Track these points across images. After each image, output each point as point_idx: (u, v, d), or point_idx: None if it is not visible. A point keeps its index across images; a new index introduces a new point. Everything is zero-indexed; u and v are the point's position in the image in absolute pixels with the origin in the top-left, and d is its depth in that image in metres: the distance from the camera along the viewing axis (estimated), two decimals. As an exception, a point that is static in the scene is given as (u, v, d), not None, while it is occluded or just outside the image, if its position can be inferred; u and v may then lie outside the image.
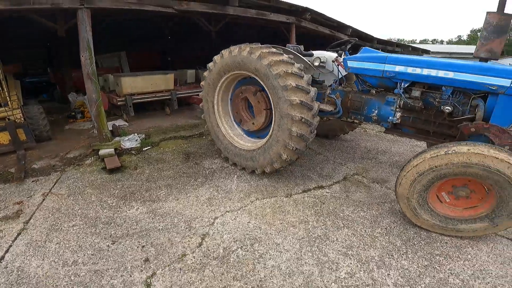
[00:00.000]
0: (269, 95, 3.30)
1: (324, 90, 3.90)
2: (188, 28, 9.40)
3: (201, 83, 4.13)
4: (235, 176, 3.77)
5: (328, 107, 3.74)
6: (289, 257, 2.33)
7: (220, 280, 2.11)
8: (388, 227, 2.72)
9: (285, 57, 3.18)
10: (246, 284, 2.08)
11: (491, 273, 2.15)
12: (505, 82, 2.59)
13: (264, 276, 2.15)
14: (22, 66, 7.72)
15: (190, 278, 2.12)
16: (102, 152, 4.22)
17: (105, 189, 3.42)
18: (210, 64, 3.89)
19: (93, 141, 4.82)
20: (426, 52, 15.06)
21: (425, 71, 2.98)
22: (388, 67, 3.21)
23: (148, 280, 2.10)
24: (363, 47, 3.69)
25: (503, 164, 2.09)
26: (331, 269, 2.22)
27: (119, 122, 5.78)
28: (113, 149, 4.28)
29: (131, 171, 3.93)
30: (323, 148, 4.79)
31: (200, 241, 2.53)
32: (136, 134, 5.14)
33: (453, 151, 2.26)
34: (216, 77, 3.83)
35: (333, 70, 4.05)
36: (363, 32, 9.44)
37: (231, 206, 3.08)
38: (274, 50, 3.28)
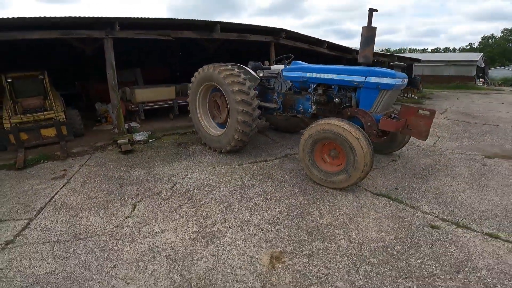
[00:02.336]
0: (226, 97, 4.88)
1: (273, 93, 5.42)
2: (192, 47, 11.31)
3: (188, 91, 5.79)
4: (208, 154, 5.32)
5: (272, 105, 5.25)
6: (224, 194, 3.80)
7: (178, 203, 3.61)
8: (296, 182, 4.09)
9: (235, 71, 4.75)
10: (192, 205, 3.56)
11: (341, 211, 3.25)
12: (361, 79, 3.99)
13: (204, 203, 3.62)
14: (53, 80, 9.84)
15: (160, 203, 3.64)
16: (120, 141, 5.95)
17: (119, 162, 5.09)
18: (193, 78, 5.53)
19: (114, 136, 6.59)
20: (417, 60, 16.03)
21: (322, 75, 4.42)
22: (303, 74, 4.68)
23: (135, 203, 3.64)
24: (294, 61, 5.20)
25: (340, 129, 3.46)
26: (246, 200, 3.63)
27: (133, 124, 7.56)
28: (127, 140, 6.00)
29: (138, 153, 5.61)
30: (281, 139, 6.25)
31: (173, 185, 4.08)
32: (145, 131, 6.87)
33: (318, 123, 3.68)
34: (196, 87, 5.47)
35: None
36: (339, 45, 10.86)
37: (199, 169, 4.63)
38: (229, 67, 4.86)
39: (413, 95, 13.96)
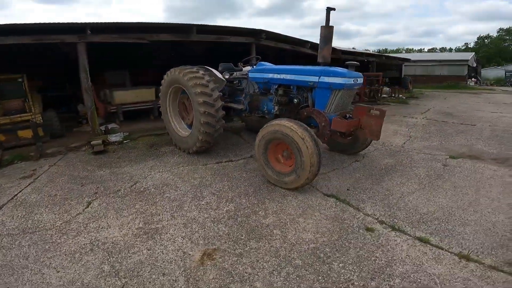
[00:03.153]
0: (190, 99, 4.97)
1: (242, 94, 5.50)
2: (181, 49, 11.41)
3: (159, 93, 5.88)
4: (177, 155, 5.42)
5: (238, 106, 5.34)
6: (179, 193, 3.89)
7: (132, 201, 3.70)
8: (253, 182, 4.16)
9: (199, 74, 4.84)
10: (146, 203, 3.64)
11: (286, 211, 3.30)
12: (315, 79, 4.05)
13: (158, 201, 3.70)
14: (44, 82, 9.95)
15: (115, 201, 3.73)
16: (93, 142, 6.06)
17: (88, 163, 5.20)
18: (162, 80, 5.63)
19: (91, 137, 6.71)
20: (406, 60, 16.05)
21: (282, 76, 4.49)
22: (265, 75, 4.76)
23: (90, 201, 3.74)
24: (260, 62, 5.28)
25: (288, 129, 3.54)
26: (198, 199, 3.71)
27: (113, 125, 7.68)
28: (101, 141, 6.11)
29: (110, 153, 5.71)
30: (253, 139, 6.30)
31: (132, 184, 4.18)
32: (122, 132, 6.99)
33: (269, 124, 3.75)
34: (165, 89, 5.56)
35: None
36: (316, 43, 10.92)
37: (163, 169, 4.73)
38: (194, 69, 4.95)
39: (400, 95, 13.99)
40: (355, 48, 23.77)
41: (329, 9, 4.12)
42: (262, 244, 2.80)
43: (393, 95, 13.86)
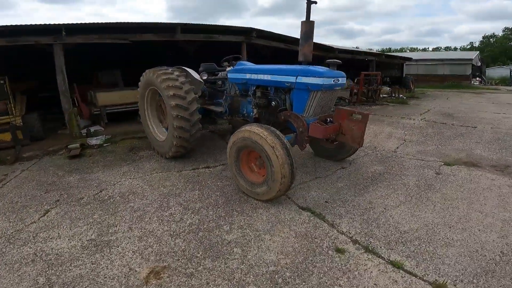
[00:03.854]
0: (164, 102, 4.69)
1: (223, 96, 5.21)
2: (177, 49, 11.17)
3: (137, 96, 5.63)
4: (154, 160, 5.16)
5: (218, 108, 5.05)
6: (144, 202, 3.62)
7: (92, 210, 3.45)
8: (226, 191, 3.85)
9: (173, 75, 4.56)
10: (106, 212, 3.39)
11: (254, 226, 2.99)
12: (293, 79, 3.72)
13: (119, 210, 3.43)
14: (39, 83, 9.82)
15: (75, 209, 3.48)
16: (70, 146, 5.84)
17: (61, 167, 4.97)
18: (140, 82, 5.37)
19: (69, 141, 6.49)
20: (408, 59, 15.54)
21: (260, 77, 4.17)
22: (243, 76, 4.45)
23: (49, 209, 3.49)
24: (239, 61, 4.97)
25: (257, 136, 3.23)
26: (163, 210, 3.42)
27: (97, 127, 7.47)
28: (78, 144, 5.88)
29: (86, 158, 5.48)
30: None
31: (98, 192, 3.93)
32: (104, 135, 6.76)
33: (240, 130, 3.44)
34: (142, 91, 5.30)
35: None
36: (318, 44, 10.56)
37: (135, 175, 4.47)
38: (169, 70, 4.66)
39: (401, 95, 13.54)
40: (358, 48, 23.29)
41: (309, 2, 3.77)
42: (217, 264, 2.51)
43: (394, 95, 13.41)
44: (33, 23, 5.30)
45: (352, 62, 13.78)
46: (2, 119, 6.15)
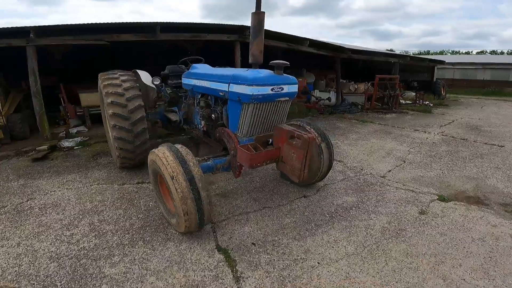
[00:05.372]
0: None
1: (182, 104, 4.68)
2: (176, 50, 10.88)
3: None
4: (108, 168, 4.80)
5: (173, 117, 4.53)
6: (58, 217, 3.24)
7: (14, 220, 3.18)
8: (151, 215, 3.33)
9: (117, 80, 4.11)
10: (11, 226, 3.12)
11: (148, 263, 2.51)
12: (226, 87, 3.02)
13: (26, 224, 3.13)
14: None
15: None
16: (39, 148, 5.73)
17: (17, 170, 4.78)
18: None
19: (42, 142, 6.41)
20: (440, 62, 13.70)
21: (201, 83, 3.54)
22: (190, 81, 3.86)
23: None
24: (194, 64, 4.37)
25: (160, 161, 2.62)
26: (68, 228, 3.02)
27: (80, 128, 7.38)
28: (46, 147, 5.75)
29: (48, 161, 5.29)
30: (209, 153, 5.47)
31: (23, 201, 3.67)
32: (81, 137, 6.62)
33: (151, 151, 2.87)
34: (100, 96, 4.94)
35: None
36: (326, 43, 9.57)
37: (73, 185, 4.14)
38: (115, 75, 4.22)
39: (426, 102, 11.95)
40: (393, 50, 21.31)
41: None
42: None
43: (418, 101, 11.88)
44: (6, 26, 5.24)
45: (373, 64, 12.51)
46: (-17, 119, 6.24)
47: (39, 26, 5.42)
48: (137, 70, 4.63)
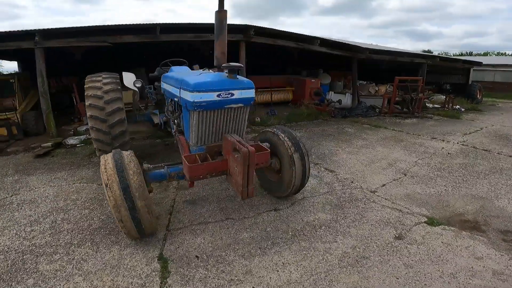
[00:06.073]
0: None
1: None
2: (189, 50, 11.05)
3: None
4: (97, 167, 4.93)
5: (155, 119, 4.52)
6: (28, 214, 3.36)
7: None
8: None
9: (98, 83, 4.17)
10: (2, 215, 3.37)
11: (82, 265, 2.53)
12: (178, 92, 2.86)
13: (17, 213, 3.31)
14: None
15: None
16: (44, 144, 6.09)
17: (19, 166, 5.13)
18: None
19: (49, 139, 6.81)
20: (476, 63, 12.27)
21: (167, 87, 3.44)
22: (163, 85, 3.79)
23: None
24: (173, 66, 4.29)
25: (103, 166, 2.57)
26: (32, 224, 3.09)
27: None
28: (50, 144, 6.09)
29: (48, 158, 5.61)
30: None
31: (7, 196, 3.93)
32: (86, 135, 6.92)
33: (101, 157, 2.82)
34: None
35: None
36: (338, 42, 9.03)
37: (58, 183, 4.34)
38: (99, 77, 4.29)
39: (457, 106, 10.81)
40: (430, 51, 19.64)
41: None
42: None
43: (447, 105, 10.80)
44: (15, 29, 5.62)
45: (400, 65, 11.62)
46: (0, 116, 6.78)
47: (44, 29, 5.75)
48: (124, 72, 4.68)
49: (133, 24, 6.40)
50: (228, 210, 3.55)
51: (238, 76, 2.76)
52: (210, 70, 5.16)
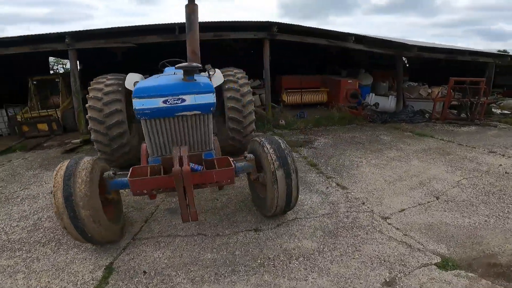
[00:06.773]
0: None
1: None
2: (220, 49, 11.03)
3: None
4: (103, 167, 5.11)
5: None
6: (21, 209, 3.53)
7: None
8: None
9: (100, 85, 4.24)
10: (1, 209, 3.66)
11: (32, 264, 2.58)
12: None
13: (16, 207, 3.53)
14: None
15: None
16: (74, 141, 6.61)
17: (44, 160, 5.63)
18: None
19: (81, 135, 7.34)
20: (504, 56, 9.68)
21: None
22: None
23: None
24: (168, 67, 4.14)
25: (55, 172, 2.50)
26: (18, 220, 3.25)
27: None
28: (79, 140, 6.56)
29: (74, 153, 6.04)
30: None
31: (17, 190, 4.27)
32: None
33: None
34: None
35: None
36: (377, 39, 7.97)
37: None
38: (104, 79, 4.37)
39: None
40: (506, 51, 16.47)
41: None
42: None
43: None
44: (48, 32, 6.16)
45: (461, 65, 9.89)
46: (43, 112, 7.58)
47: (72, 32, 6.18)
48: (130, 73, 4.71)
49: (154, 24, 6.54)
50: (204, 225, 3.24)
51: (199, 78, 2.42)
52: (218, 71, 4.95)
